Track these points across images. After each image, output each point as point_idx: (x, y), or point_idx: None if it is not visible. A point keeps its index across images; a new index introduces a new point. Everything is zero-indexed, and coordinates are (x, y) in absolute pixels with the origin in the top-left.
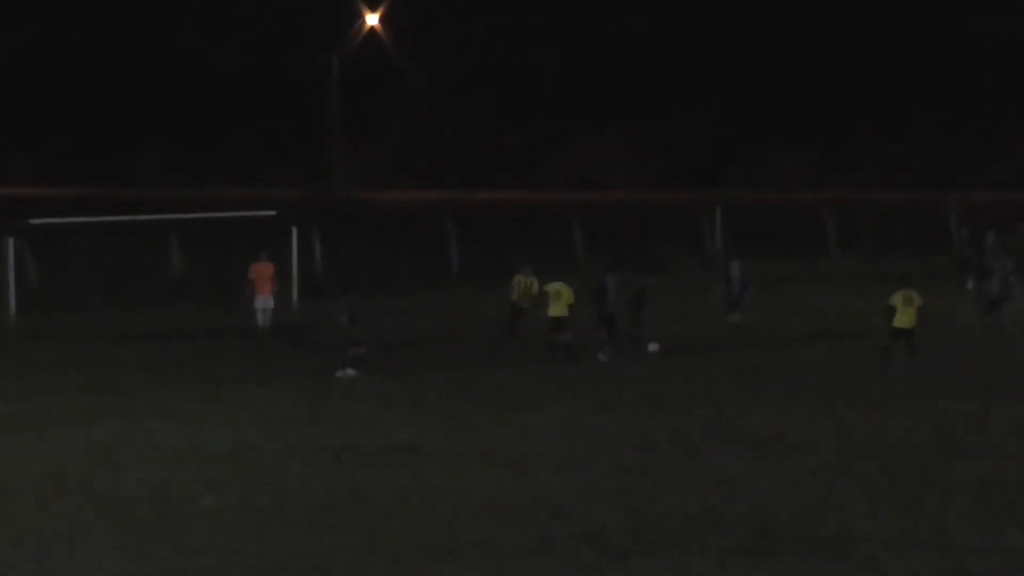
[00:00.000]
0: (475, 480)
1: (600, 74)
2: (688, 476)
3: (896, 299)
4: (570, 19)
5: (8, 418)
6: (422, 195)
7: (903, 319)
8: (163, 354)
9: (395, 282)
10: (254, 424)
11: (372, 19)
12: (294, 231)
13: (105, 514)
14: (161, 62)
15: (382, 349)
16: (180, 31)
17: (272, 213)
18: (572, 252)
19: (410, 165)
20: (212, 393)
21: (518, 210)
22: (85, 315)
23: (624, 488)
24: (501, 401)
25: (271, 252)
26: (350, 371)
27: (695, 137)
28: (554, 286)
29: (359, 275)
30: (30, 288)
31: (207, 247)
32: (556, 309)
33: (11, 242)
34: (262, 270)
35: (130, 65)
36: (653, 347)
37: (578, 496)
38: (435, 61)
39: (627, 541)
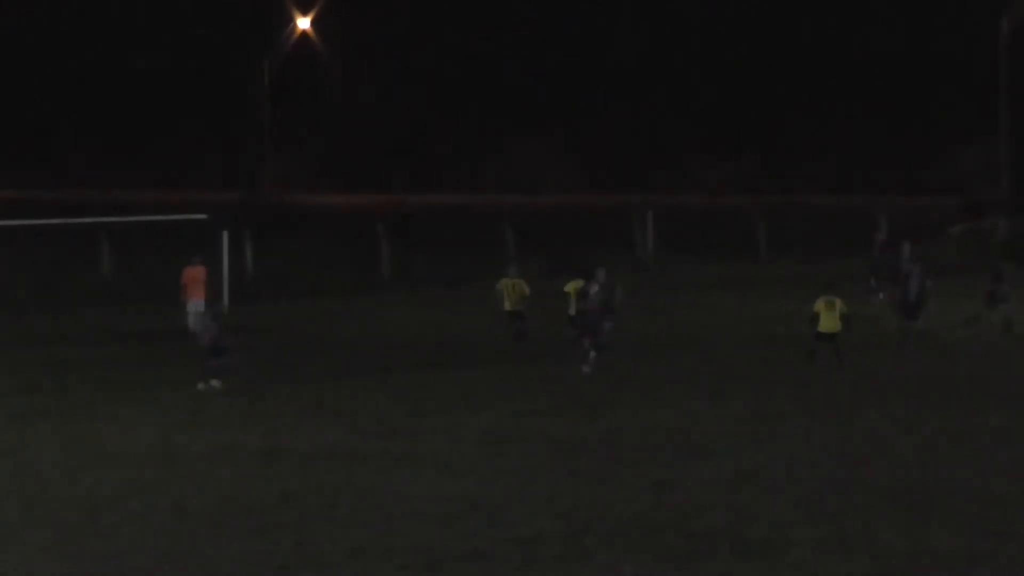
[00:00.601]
0: (407, 484)
1: (532, 77)
2: (621, 480)
3: (819, 305)
4: (501, 23)
5: None
6: (354, 198)
7: (827, 324)
8: (92, 357)
9: (327, 286)
10: (184, 427)
11: (304, 23)
12: (225, 235)
13: (34, 517)
14: (91, 65)
15: (315, 353)
16: (110, 33)
17: (203, 217)
18: (504, 255)
19: (342, 168)
20: (142, 396)
21: (450, 213)
22: (13, 318)
23: (557, 492)
24: (434, 405)
25: (204, 256)
26: (214, 383)
27: (627, 141)
28: (573, 284)
29: (290, 278)
30: None
31: (137, 250)
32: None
33: None
34: (194, 274)
35: (59, 67)
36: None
37: (511, 500)
38: (367, 64)
39: (560, 545)
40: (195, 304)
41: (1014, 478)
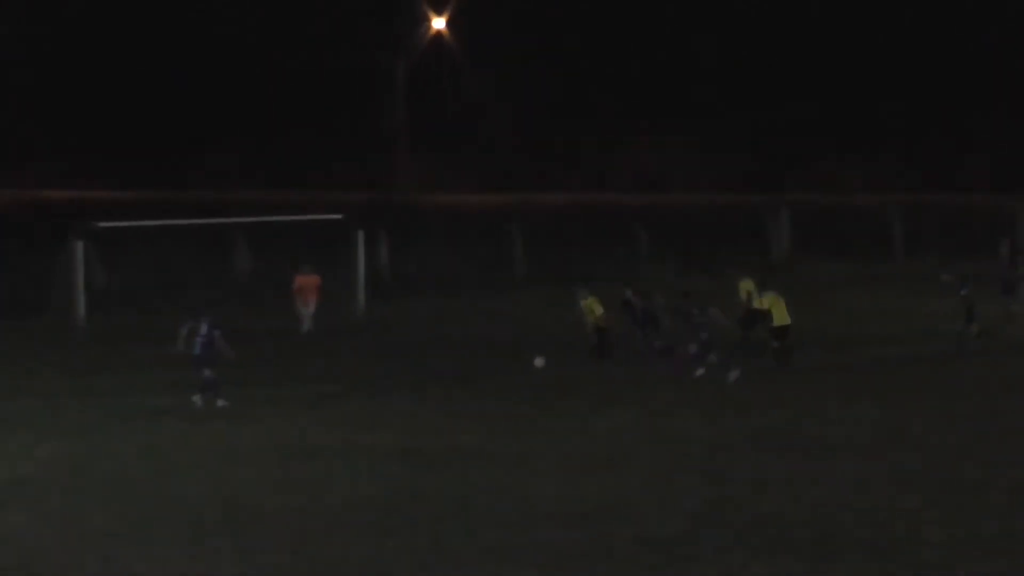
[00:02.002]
0: (538, 482)
1: (666, 75)
2: (751, 479)
3: (768, 300)
4: (635, 20)
5: (75, 418)
6: (487, 198)
7: (781, 317)
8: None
9: (460, 285)
10: (319, 426)
11: (439, 23)
12: (360, 234)
13: (171, 514)
14: (228, 64)
15: (448, 352)
16: (247, 33)
17: (338, 217)
18: (637, 255)
19: (475, 168)
20: (276, 395)
21: (583, 213)
22: (149, 317)
23: (686, 491)
24: (564, 404)
25: (315, 264)
26: (196, 398)
27: (762, 139)
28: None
29: (424, 277)
30: (97, 290)
31: (273, 250)
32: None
33: (79, 245)
34: (306, 282)
35: (197, 68)
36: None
37: (640, 499)
38: (500, 63)
39: (689, 544)
40: (305, 307)
41: None
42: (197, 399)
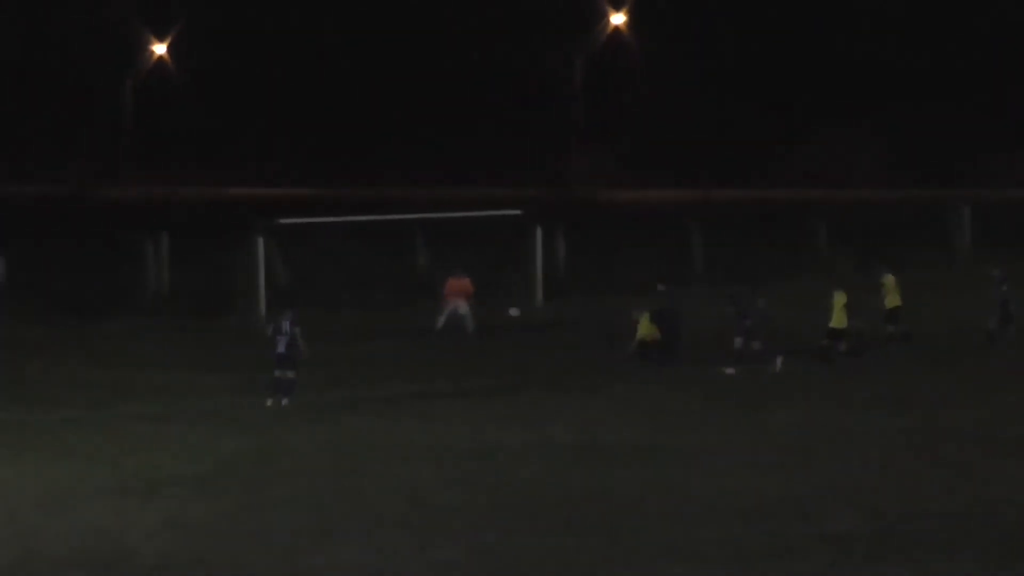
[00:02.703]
0: (716, 479)
1: (845, 68)
2: (932, 476)
3: (839, 299)
4: (811, 13)
5: (255, 413)
6: (664, 194)
7: (840, 319)
8: (406, 353)
9: (637, 281)
10: (495, 422)
11: (617, 18)
12: (538, 231)
13: (349, 509)
14: (405, 62)
15: (621, 348)
16: (424, 30)
17: (517, 212)
18: (815, 251)
19: (651, 163)
20: (453, 391)
21: (761, 208)
22: (331, 313)
23: (867, 488)
24: (741, 400)
25: (465, 267)
26: (284, 400)
27: (942, 131)
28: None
29: (602, 274)
30: (279, 287)
31: (451, 246)
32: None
33: (261, 241)
34: (457, 285)
35: (376, 66)
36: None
37: (820, 496)
38: (675, 58)
39: (870, 542)
40: (454, 306)
41: None
42: (272, 402)
